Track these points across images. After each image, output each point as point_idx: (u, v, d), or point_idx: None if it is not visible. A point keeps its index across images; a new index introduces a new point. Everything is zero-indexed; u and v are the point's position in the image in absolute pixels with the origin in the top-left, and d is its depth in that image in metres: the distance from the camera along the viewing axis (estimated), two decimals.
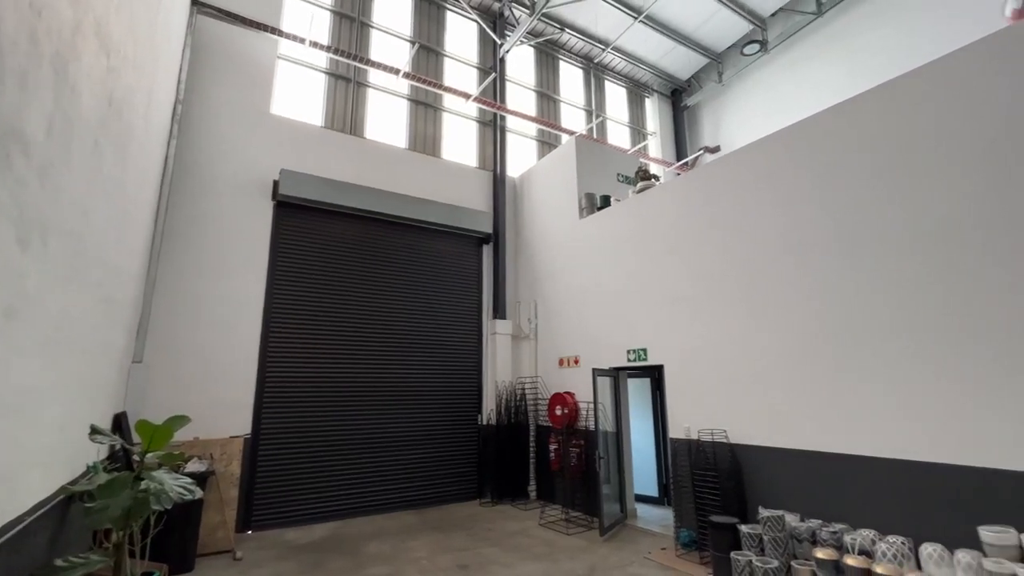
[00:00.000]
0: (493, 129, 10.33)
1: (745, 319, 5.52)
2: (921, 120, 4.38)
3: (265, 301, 7.23)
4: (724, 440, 5.49)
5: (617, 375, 7.43)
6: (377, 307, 8.19)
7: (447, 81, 10.01)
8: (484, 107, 9.94)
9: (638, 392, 8.55)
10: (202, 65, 7.35)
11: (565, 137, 11.02)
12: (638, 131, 13.44)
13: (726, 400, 5.60)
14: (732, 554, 4.55)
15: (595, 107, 12.62)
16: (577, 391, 7.75)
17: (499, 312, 9.22)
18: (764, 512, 4.59)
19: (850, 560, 3.92)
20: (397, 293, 8.43)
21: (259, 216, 7.41)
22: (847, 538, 4.18)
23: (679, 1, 11.01)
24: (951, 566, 3.69)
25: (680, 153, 13.49)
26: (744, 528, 4.66)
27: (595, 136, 11.90)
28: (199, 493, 3.01)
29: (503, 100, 10.40)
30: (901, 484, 4.16)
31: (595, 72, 12.89)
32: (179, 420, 3.14)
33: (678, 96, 13.92)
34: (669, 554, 5.60)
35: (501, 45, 10.69)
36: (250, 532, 6.49)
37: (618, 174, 9.24)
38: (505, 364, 9.02)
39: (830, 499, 4.62)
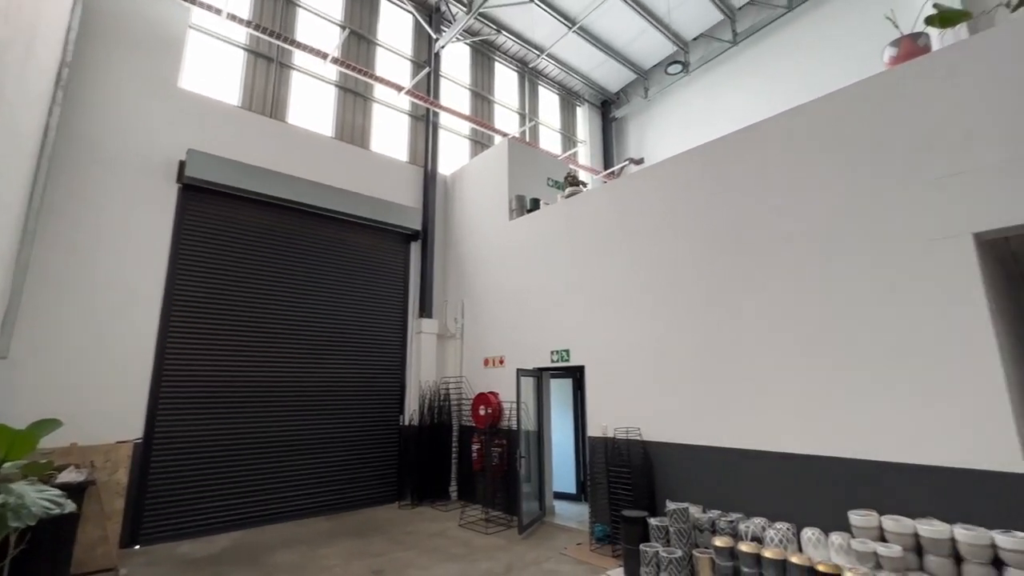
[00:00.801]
0: (426, 124, 10.15)
1: (659, 324, 5.84)
2: (795, 150, 4.85)
3: (165, 292, 6.59)
4: (638, 438, 5.76)
5: (540, 375, 7.57)
6: (295, 303, 7.74)
7: (379, 71, 9.70)
8: (417, 101, 9.74)
9: (560, 392, 8.77)
10: (97, 27, 6.57)
11: (498, 138, 11.08)
12: (569, 138, 13.81)
13: (641, 400, 5.88)
14: (641, 546, 4.78)
15: (528, 111, 12.80)
16: (501, 391, 7.80)
17: (425, 311, 9.07)
18: (671, 505, 4.87)
19: (743, 547, 4.26)
20: (317, 289, 8.03)
21: (160, 198, 6.74)
22: (742, 526, 4.54)
23: (611, 17, 11.45)
24: (826, 547, 4.12)
25: (608, 162, 14.03)
26: (653, 521, 4.92)
27: (527, 140, 12.07)
28: (71, 507, 2.67)
29: (437, 96, 10.25)
30: (787, 475, 4.59)
31: (530, 77, 13.08)
32: (46, 425, 2.77)
33: (607, 107, 14.48)
34: (584, 549, 5.78)
35: (436, 40, 10.54)
36: (138, 547, 5.87)
37: (548, 178, 9.43)
38: (430, 364, 8.89)
39: (729, 491, 5.00)
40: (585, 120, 14.20)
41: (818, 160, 4.77)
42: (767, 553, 4.11)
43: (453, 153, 11.00)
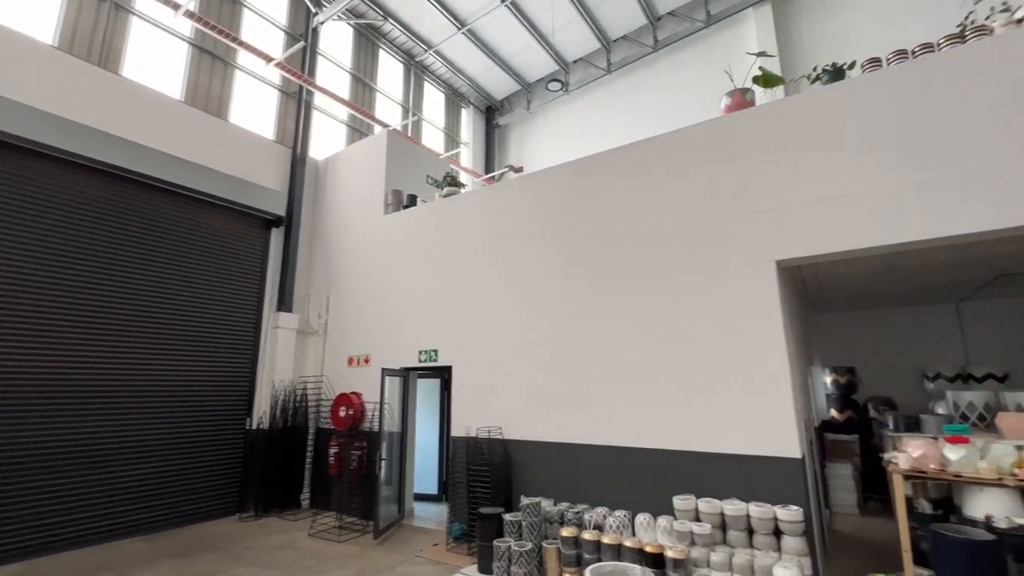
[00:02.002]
0: (298, 103, 9.38)
1: (523, 327, 6.08)
2: (649, 175, 5.45)
3: None
4: (499, 436, 5.93)
5: (407, 375, 7.42)
6: (123, 288, 6.59)
7: (246, 36, 8.72)
8: (289, 76, 8.95)
9: (427, 392, 8.68)
10: None
11: (378, 128, 10.66)
12: (452, 138, 13.81)
13: (504, 399, 6.06)
14: (495, 541, 4.91)
15: (412, 105, 12.53)
16: (365, 392, 7.48)
17: (285, 304, 8.35)
18: (524, 500, 5.09)
19: (586, 535, 4.61)
20: (156, 274, 6.93)
21: None
22: (587, 516, 4.92)
23: (499, 26, 11.71)
24: (655, 530, 4.64)
25: (489, 167, 14.31)
26: (508, 516, 5.09)
27: (409, 134, 11.79)
28: None
29: (312, 74, 9.54)
30: (626, 467, 5.07)
31: (416, 71, 12.81)
32: None
33: (492, 113, 14.77)
34: (440, 549, 5.77)
35: (316, 15, 9.81)
36: None
37: (428, 176, 9.31)
38: (286, 362, 8.20)
39: (578, 484, 5.37)
40: (470, 122, 14.32)
41: (667, 186, 5.37)
42: (605, 539, 4.49)
43: (328, 137, 10.31)
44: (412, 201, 8.03)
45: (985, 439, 3.95)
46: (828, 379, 8.33)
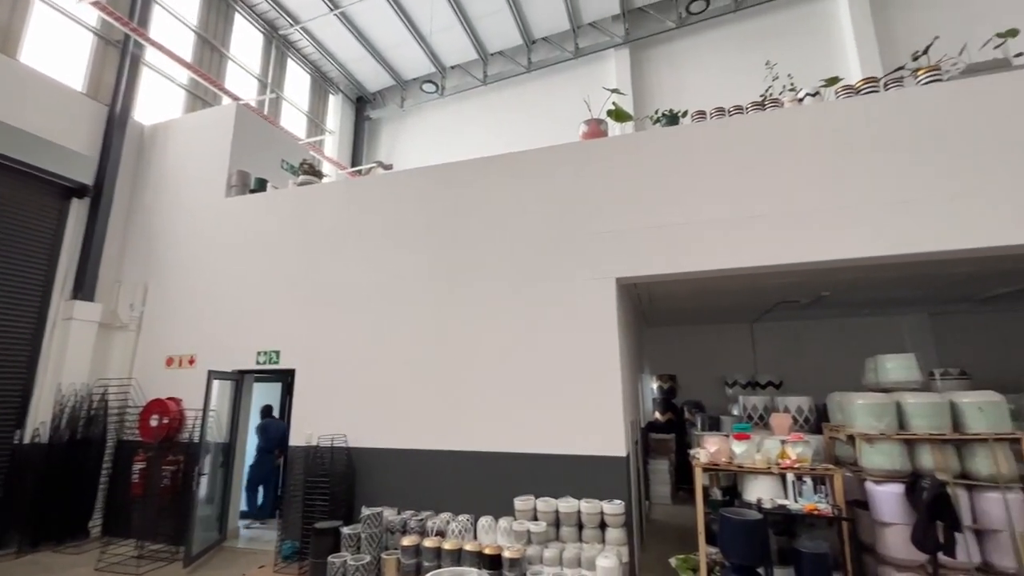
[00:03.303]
0: (122, 53, 7.91)
1: (378, 330, 5.86)
2: (511, 188, 5.71)
3: None
4: (343, 444, 5.59)
5: (241, 378, 6.63)
6: None
7: None
8: (110, 20, 7.50)
9: (266, 398, 7.86)
10: None
11: (228, 100, 9.47)
12: (317, 124, 12.86)
13: (353, 405, 5.75)
14: (329, 557, 4.60)
15: (272, 81, 11.39)
16: (187, 397, 6.50)
17: (84, 292, 6.91)
18: (365, 511, 4.86)
19: (427, 542, 4.56)
20: None
21: None
22: (430, 523, 4.86)
23: (376, 16, 11.26)
24: (495, 532, 4.76)
25: (356, 160, 13.61)
26: (345, 530, 4.81)
27: (265, 112, 10.69)
28: None
29: (144, 24, 8.13)
30: (471, 471, 5.14)
31: (279, 45, 11.70)
32: None
33: (364, 105, 14.11)
34: (267, 571, 5.22)
35: None
36: None
37: (284, 161, 8.53)
38: (81, 361, 6.76)
39: (425, 491, 5.29)
40: (337, 110, 13.49)
41: (528, 200, 5.63)
42: (446, 545, 4.49)
43: (159, 100, 8.86)
44: (261, 186, 7.26)
45: (762, 436, 4.80)
46: (655, 385, 9.46)
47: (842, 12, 9.89)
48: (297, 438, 5.87)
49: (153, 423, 6.27)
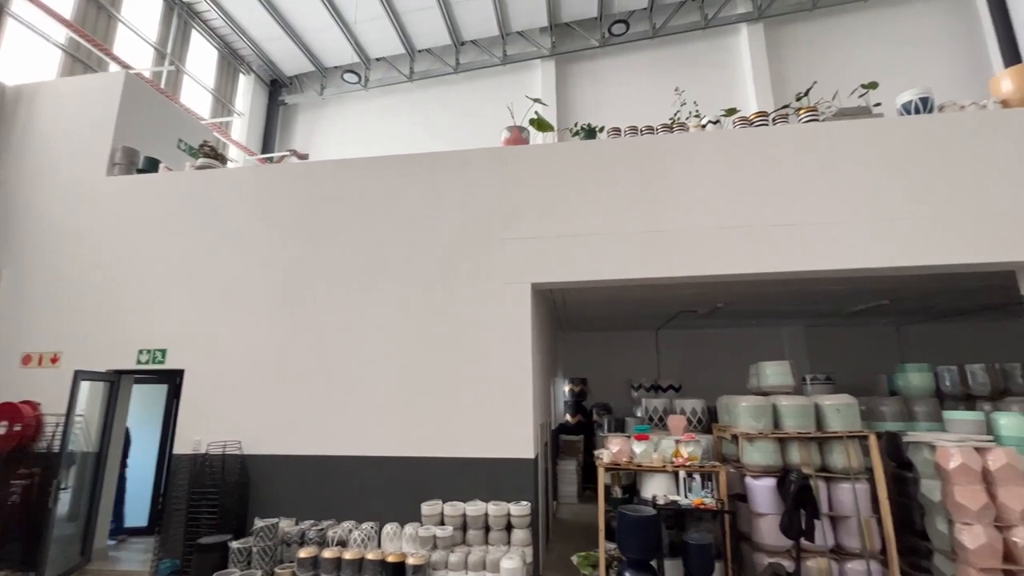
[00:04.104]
0: None
1: (283, 330, 5.50)
2: (430, 190, 5.66)
3: None
4: (237, 451, 5.18)
5: (118, 380, 5.91)
6: None
7: None
8: None
9: (149, 402, 7.08)
10: None
11: (117, 68, 8.47)
12: (224, 104, 11.88)
13: (250, 409, 5.34)
14: (215, 575, 4.23)
15: (172, 52, 10.35)
16: (48, 400, 5.68)
17: None
18: (259, 523, 4.53)
19: (327, 553, 4.34)
20: None
21: None
22: (331, 532, 4.64)
23: None
24: (401, 538, 4.64)
25: (268, 146, 12.75)
26: (235, 544, 4.46)
27: (162, 85, 9.68)
28: None
29: None
30: (376, 477, 4.98)
31: (183, 13, 10.66)
32: None
33: (278, 89, 13.26)
34: None
35: None
36: None
37: (181, 141, 7.77)
38: None
39: (327, 499, 5.04)
40: (248, 92, 12.55)
41: (448, 201, 5.57)
42: (347, 555, 4.31)
43: (30, 58, 7.71)
44: (152, 166, 6.55)
45: (659, 436, 5.13)
46: (567, 388, 9.77)
47: (743, 49, 10.90)
48: (184, 445, 5.34)
49: (0, 431, 5.41)
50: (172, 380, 6.99)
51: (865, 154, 4.96)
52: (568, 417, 9.55)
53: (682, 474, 4.55)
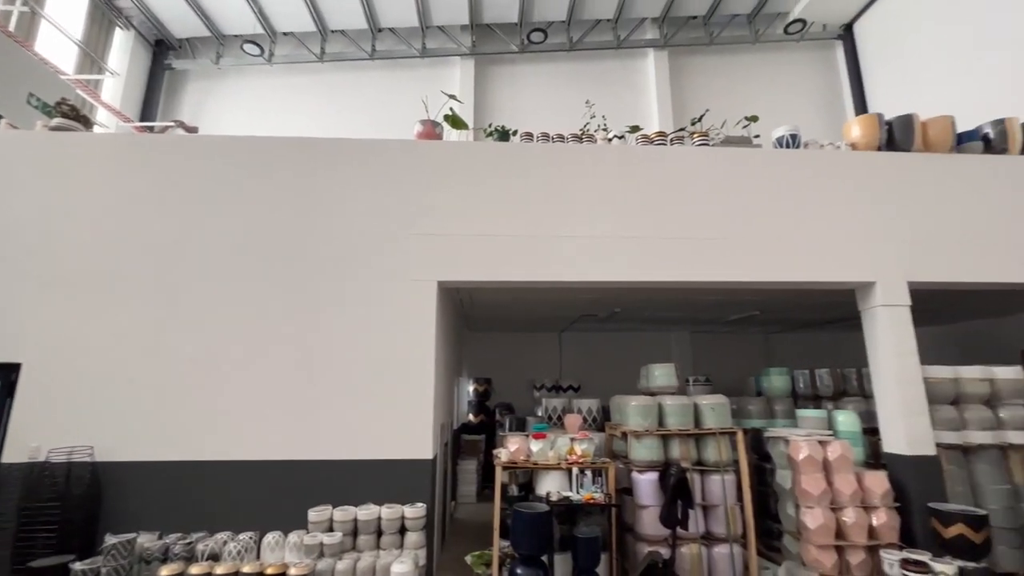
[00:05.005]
0: None
1: (156, 320, 4.89)
2: (335, 177, 5.39)
3: None
4: (88, 459, 4.50)
5: None
6: None
7: None
8: None
9: None
10: None
11: None
12: (93, 59, 10.34)
13: (107, 410, 4.66)
14: None
15: None
16: None
17: None
18: (110, 539, 3.98)
19: (194, 569, 3.92)
20: None
21: None
22: (200, 547, 4.20)
23: None
24: (284, 548, 4.33)
25: (148, 114, 11.33)
26: (78, 566, 3.86)
27: (10, 27, 8.21)
28: None
29: None
30: (257, 483, 4.60)
31: None
32: None
33: (164, 51, 11.83)
34: None
35: None
36: None
37: (32, 95, 6.63)
38: None
39: (199, 509, 4.55)
40: (126, 50, 11.05)
41: (355, 191, 5.31)
42: (219, 570, 3.92)
43: None
44: None
45: (556, 434, 5.30)
46: (471, 388, 9.78)
47: (650, 72, 11.70)
48: (17, 453, 4.54)
49: None
50: (9, 376, 5.91)
51: (744, 179, 5.54)
52: (471, 417, 9.56)
53: (575, 471, 4.74)
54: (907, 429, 4.92)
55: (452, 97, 6.27)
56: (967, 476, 5.08)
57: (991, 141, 5.96)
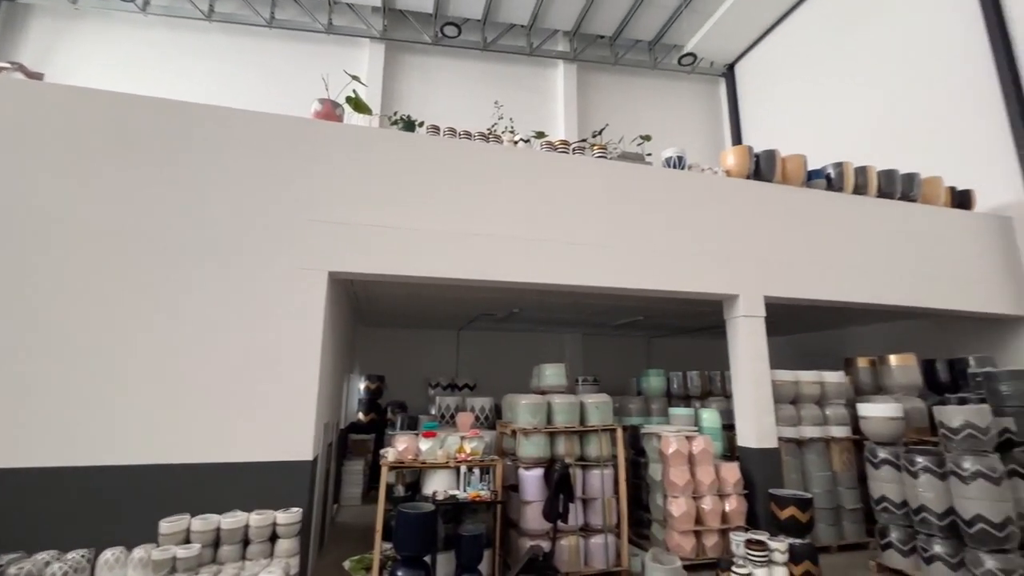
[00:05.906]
0: None
1: None
2: (222, 151, 4.89)
3: None
4: None
5: None
6: None
7: None
8: None
9: None
10: None
11: None
12: None
13: None
14: None
15: None
16: None
17: None
18: None
19: None
20: None
21: None
22: (12, 571, 3.53)
23: None
24: (127, 566, 3.79)
25: None
26: None
27: None
28: None
29: None
30: (103, 492, 4.00)
31: None
32: None
33: None
34: None
35: None
36: None
37: None
38: None
39: (20, 526, 3.83)
40: None
41: (236, 168, 4.81)
42: None
43: None
44: None
45: (447, 433, 5.26)
46: (362, 385, 9.38)
47: (559, 82, 12.13)
48: None
49: None
50: None
51: (635, 192, 5.94)
52: (361, 416, 9.17)
53: (463, 469, 4.73)
54: (757, 425, 5.60)
55: (355, 79, 5.96)
56: (799, 465, 5.92)
57: (831, 180, 7.01)
